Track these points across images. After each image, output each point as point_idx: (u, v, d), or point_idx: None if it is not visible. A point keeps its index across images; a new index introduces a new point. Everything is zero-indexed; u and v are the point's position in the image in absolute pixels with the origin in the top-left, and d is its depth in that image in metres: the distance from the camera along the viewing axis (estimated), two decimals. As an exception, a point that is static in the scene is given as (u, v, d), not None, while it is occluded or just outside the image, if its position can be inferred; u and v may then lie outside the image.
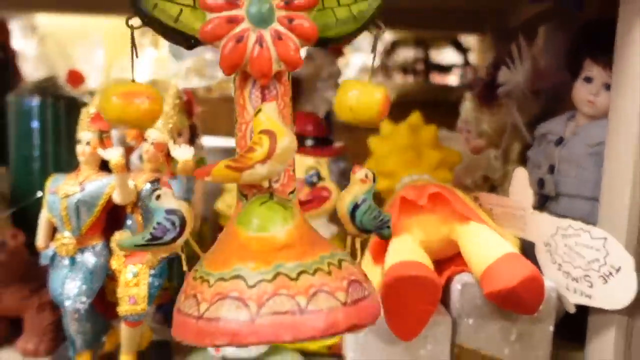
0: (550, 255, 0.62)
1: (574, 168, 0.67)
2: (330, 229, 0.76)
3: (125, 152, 0.65)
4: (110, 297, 0.66)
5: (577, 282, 0.59)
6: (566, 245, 0.60)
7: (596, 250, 0.57)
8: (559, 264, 0.61)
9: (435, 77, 1.29)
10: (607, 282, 0.57)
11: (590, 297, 0.58)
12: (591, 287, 0.58)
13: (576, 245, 0.59)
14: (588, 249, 0.58)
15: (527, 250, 0.63)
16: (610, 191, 0.58)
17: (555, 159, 0.69)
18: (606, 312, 0.58)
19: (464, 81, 1.16)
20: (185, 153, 0.63)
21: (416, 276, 0.54)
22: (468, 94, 0.90)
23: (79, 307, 0.62)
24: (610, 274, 0.56)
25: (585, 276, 0.58)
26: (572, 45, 0.71)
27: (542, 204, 0.69)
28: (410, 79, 1.29)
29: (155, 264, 0.64)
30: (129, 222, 0.65)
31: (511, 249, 0.57)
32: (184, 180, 0.62)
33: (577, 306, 0.60)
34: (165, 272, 0.65)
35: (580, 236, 0.58)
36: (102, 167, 0.66)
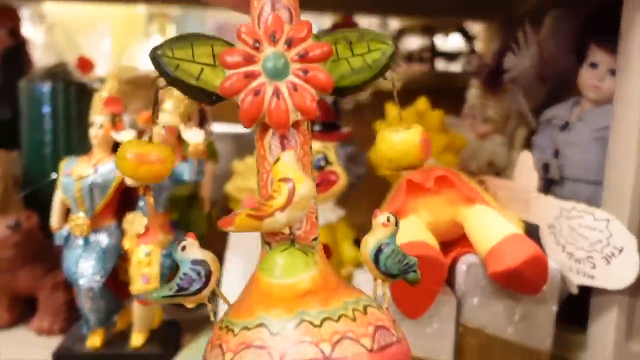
0: (554, 237, 0.63)
1: (579, 152, 0.68)
2: (337, 212, 0.77)
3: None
4: (123, 277, 0.68)
5: (580, 263, 0.60)
6: (570, 227, 0.61)
7: (599, 232, 0.58)
8: (563, 246, 0.62)
9: (441, 65, 1.30)
10: (609, 263, 0.58)
11: (593, 278, 0.59)
12: (594, 268, 0.59)
13: (580, 227, 0.60)
14: (591, 230, 0.59)
15: (531, 234, 0.64)
16: (614, 174, 0.59)
17: (560, 143, 0.70)
18: (608, 293, 0.59)
19: (470, 69, 1.17)
20: (196, 136, 0.65)
21: (422, 256, 0.55)
22: (474, 81, 0.91)
23: (93, 285, 0.64)
24: (613, 254, 0.57)
25: (588, 257, 0.59)
26: (578, 31, 0.72)
27: (546, 188, 0.70)
28: (416, 66, 1.30)
29: (167, 244, 0.66)
30: (141, 203, 0.66)
31: (516, 230, 0.58)
32: (195, 162, 0.64)
33: (579, 290, 0.61)
34: (176, 253, 0.67)
35: (584, 218, 0.59)
36: (114, 150, 0.67)
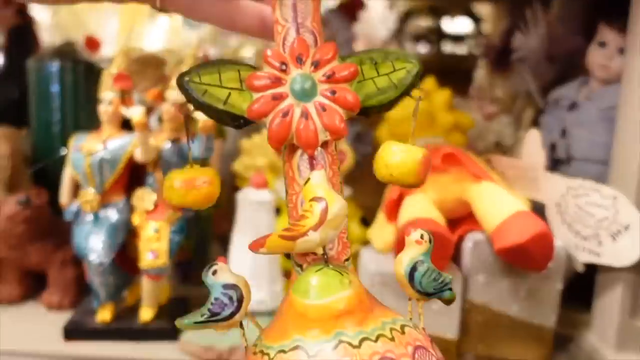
0: (561, 215, 0.63)
1: (586, 132, 0.68)
2: (344, 191, 0.78)
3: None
4: (132, 253, 0.69)
5: (587, 240, 0.61)
6: (576, 205, 0.61)
7: (606, 209, 0.58)
8: (569, 224, 0.62)
9: (448, 46, 1.29)
10: (616, 240, 0.58)
11: (599, 255, 0.60)
12: (600, 245, 0.59)
13: (586, 205, 0.60)
14: (598, 207, 0.59)
15: (537, 213, 0.64)
16: (621, 151, 0.59)
17: (567, 123, 0.70)
18: (614, 270, 0.59)
19: (477, 51, 1.16)
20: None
21: (429, 231, 0.56)
22: (481, 61, 0.90)
23: (103, 260, 0.65)
24: (619, 232, 0.57)
25: (595, 235, 0.60)
26: (587, 10, 0.72)
27: (553, 168, 0.70)
28: (423, 48, 1.29)
29: (175, 221, 0.66)
30: (150, 180, 0.67)
31: (523, 207, 0.58)
32: (204, 139, 0.64)
33: (585, 269, 0.62)
34: (184, 230, 0.68)
35: (591, 195, 0.60)
36: (124, 126, 0.68)
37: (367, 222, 0.76)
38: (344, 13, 0.90)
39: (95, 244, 0.65)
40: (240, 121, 0.32)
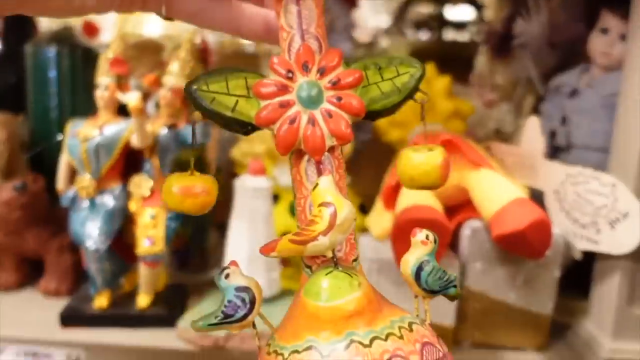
0: (559, 203, 0.63)
1: (587, 119, 0.67)
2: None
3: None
4: (129, 240, 0.68)
5: (585, 228, 0.60)
6: (575, 193, 0.61)
7: (605, 197, 0.58)
8: (567, 212, 0.62)
9: (450, 34, 1.28)
10: (614, 228, 0.58)
11: (597, 243, 0.59)
12: (598, 233, 0.59)
13: (585, 192, 0.60)
14: (597, 195, 0.59)
15: (535, 201, 0.64)
16: (622, 139, 0.58)
17: (567, 110, 0.69)
18: (612, 258, 0.59)
19: (478, 38, 1.15)
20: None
21: (427, 219, 0.56)
22: (482, 48, 0.89)
23: (99, 247, 0.64)
24: (618, 219, 0.57)
25: (593, 222, 0.59)
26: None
27: (553, 156, 0.70)
28: (424, 35, 1.28)
29: (172, 208, 0.66)
30: (147, 166, 0.66)
31: (521, 194, 0.58)
32: (201, 124, 0.63)
33: (582, 257, 0.62)
34: (180, 217, 0.67)
35: (590, 183, 0.59)
36: (120, 112, 0.67)
37: (365, 209, 0.75)
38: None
39: (91, 230, 0.65)
40: (248, 128, 0.33)
